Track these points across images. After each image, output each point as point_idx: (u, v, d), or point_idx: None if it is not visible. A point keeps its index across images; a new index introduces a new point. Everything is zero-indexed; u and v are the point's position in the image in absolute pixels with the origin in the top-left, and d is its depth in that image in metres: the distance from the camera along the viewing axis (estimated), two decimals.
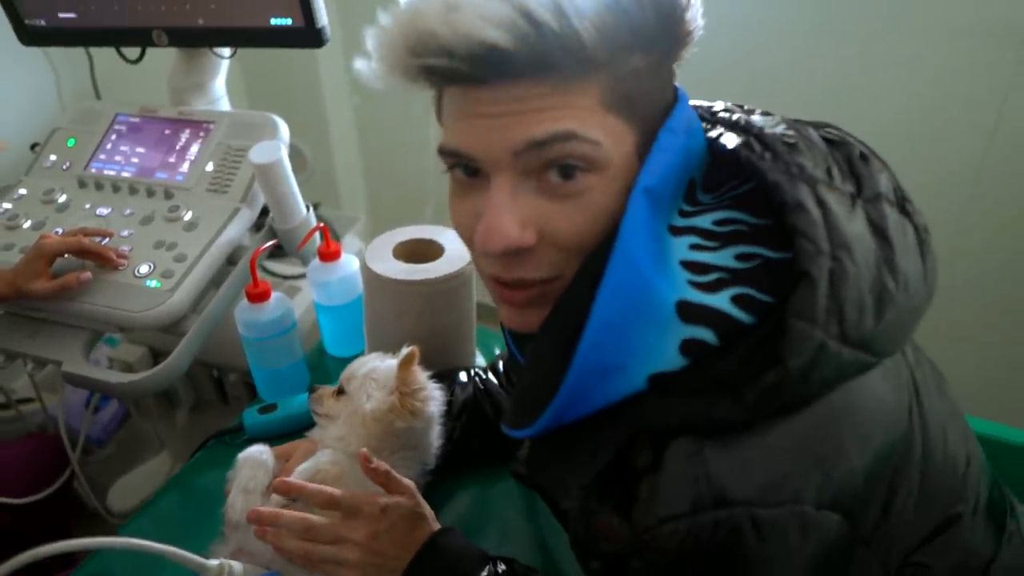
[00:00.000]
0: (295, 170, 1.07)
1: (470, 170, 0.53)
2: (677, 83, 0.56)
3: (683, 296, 0.49)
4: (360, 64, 0.53)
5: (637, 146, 0.52)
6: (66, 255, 1.00)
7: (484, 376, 0.95)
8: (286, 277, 1.40)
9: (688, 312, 0.49)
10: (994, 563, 0.61)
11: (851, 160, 0.53)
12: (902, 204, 0.54)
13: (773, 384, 0.46)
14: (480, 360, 1.07)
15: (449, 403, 0.87)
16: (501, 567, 0.68)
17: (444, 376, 0.89)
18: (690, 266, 0.50)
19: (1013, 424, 0.90)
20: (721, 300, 0.49)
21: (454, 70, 0.48)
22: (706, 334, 0.48)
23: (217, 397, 1.42)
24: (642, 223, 0.50)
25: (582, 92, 0.49)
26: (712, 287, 0.49)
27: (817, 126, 0.56)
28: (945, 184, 1.57)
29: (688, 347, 0.49)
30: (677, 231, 0.52)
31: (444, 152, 0.54)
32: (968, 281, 1.64)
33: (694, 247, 0.51)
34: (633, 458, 0.50)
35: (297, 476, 0.75)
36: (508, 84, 0.48)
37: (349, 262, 1.07)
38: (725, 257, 0.50)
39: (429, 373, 0.83)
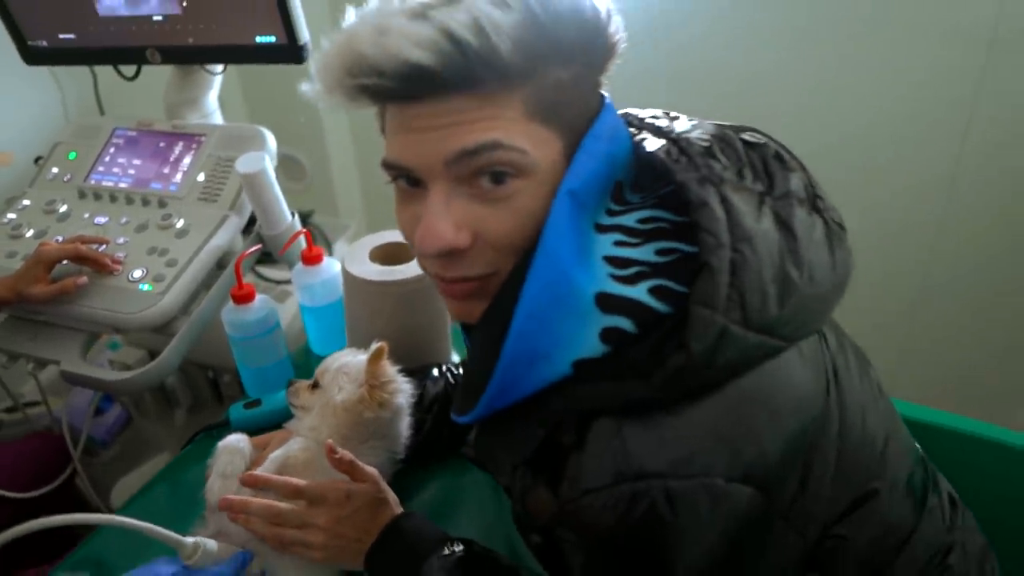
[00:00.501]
0: (293, 179, 1.13)
1: (411, 180, 0.58)
2: (606, 94, 0.61)
3: (603, 288, 0.54)
4: (305, 87, 0.58)
5: (563, 152, 0.56)
6: (64, 261, 1.07)
7: (456, 371, 1.00)
8: (278, 282, 1.46)
9: (607, 303, 0.53)
10: (914, 535, 0.65)
11: (766, 161, 0.58)
12: (813, 201, 0.58)
13: (680, 367, 0.50)
14: (455, 357, 1.12)
15: (420, 396, 0.93)
16: (459, 547, 0.73)
17: (417, 371, 0.95)
18: (612, 261, 0.55)
19: (993, 420, 0.92)
20: (639, 292, 0.53)
21: (386, 88, 0.53)
22: (624, 323, 0.53)
23: (213, 397, 1.48)
24: (565, 222, 0.54)
25: (506, 104, 0.53)
26: (631, 280, 0.54)
27: (740, 129, 0.61)
28: (924, 184, 1.61)
29: (608, 335, 0.53)
30: (603, 228, 0.57)
31: (386, 165, 0.59)
32: (946, 280, 1.68)
33: (618, 243, 0.56)
34: (559, 438, 0.55)
35: (269, 463, 0.80)
36: (438, 100, 0.53)
37: (331, 265, 1.12)
38: (646, 252, 0.55)
39: (399, 368, 0.88)
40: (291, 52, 1.12)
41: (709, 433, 0.52)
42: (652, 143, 0.60)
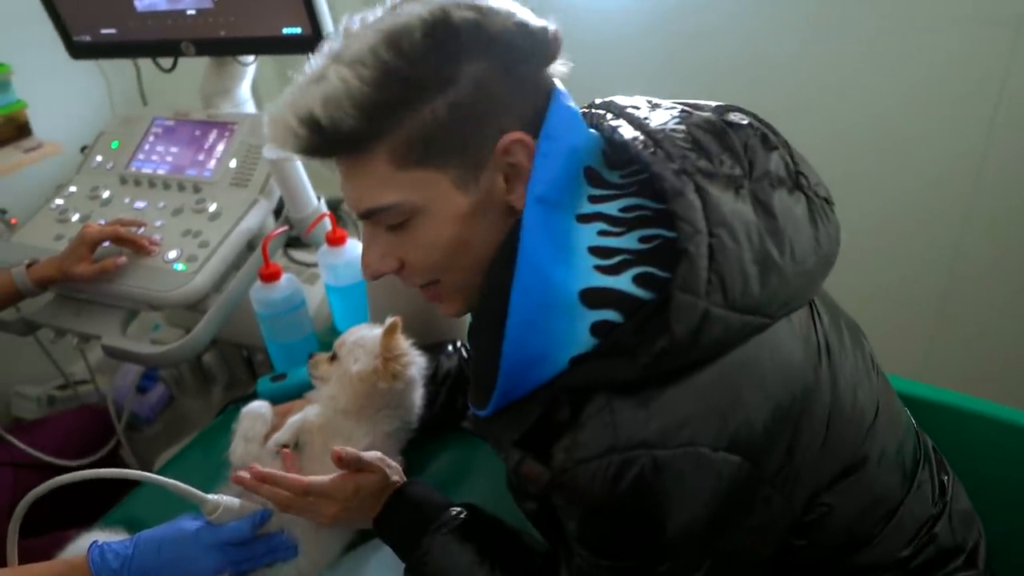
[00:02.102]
0: (326, 166, 1.18)
1: None
2: (559, 84, 0.61)
3: (586, 284, 0.56)
4: (277, 152, 0.67)
5: (456, 180, 0.59)
6: (106, 243, 1.13)
7: (469, 347, 1.04)
8: (308, 265, 1.51)
9: (592, 298, 0.55)
10: (901, 507, 0.67)
11: (747, 143, 0.60)
12: (796, 178, 0.60)
13: (664, 349, 0.53)
14: None
15: (435, 370, 0.97)
16: (462, 511, 0.76)
17: (433, 347, 0.99)
18: (597, 251, 0.57)
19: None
20: (624, 281, 0.55)
21: (301, 153, 0.59)
22: (612, 315, 0.55)
23: (247, 375, 1.55)
24: (539, 227, 0.56)
25: (374, 162, 0.58)
26: (616, 269, 0.56)
27: (724, 111, 0.63)
28: (948, 173, 1.59)
29: (597, 328, 0.55)
30: (586, 218, 0.59)
31: None
32: (976, 266, 1.66)
33: (602, 233, 0.58)
34: (554, 415, 0.58)
35: (288, 426, 0.86)
36: (335, 160, 0.60)
37: (354, 246, 1.17)
38: (630, 240, 0.57)
39: (413, 342, 0.92)
40: (316, 42, 1.16)
41: (696, 404, 0.54)
42: (627, 131, 0.61)
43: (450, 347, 1.03)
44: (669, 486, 0.54)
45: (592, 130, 0.64)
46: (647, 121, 0.61)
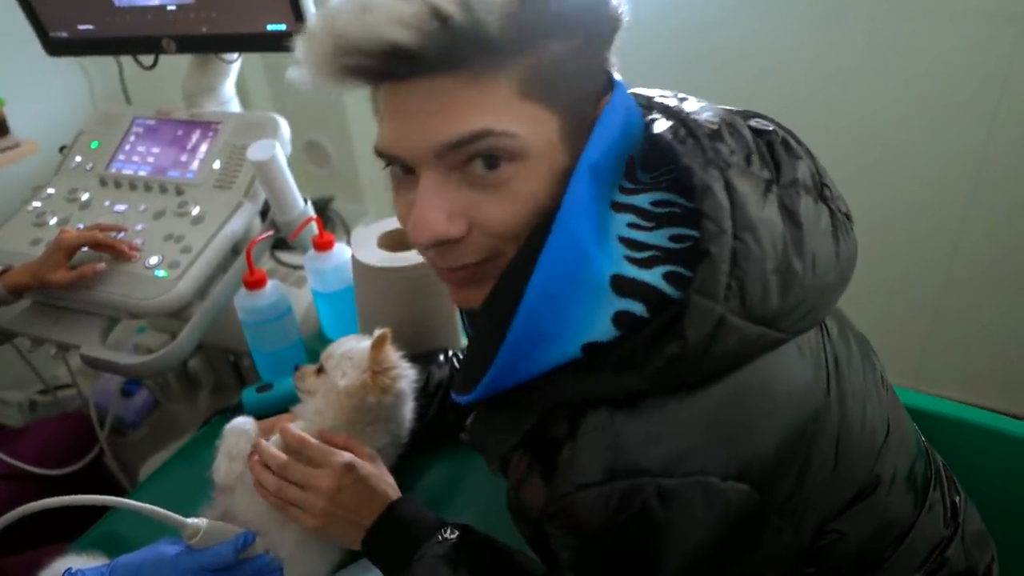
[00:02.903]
0: (317, 164, 1.14)
1: (404, 167, 0.56)
2: (616, 74, 0.58)
3: (619, 270, 0.52)
4: (291, 72, 0.56)
5: (562, 131, 0.53)
6: (84, 248, 1.09)
7: (461, 357, 1.01)
8: (296, 267, 1.47)
9: (622, 285, 0.52)
10: (913, 530, 0.64)
11: (773, 148, 0.57)
12: (820, 190, 0.57)
13: (675, 355, 0.49)
14: (464, 342, 1.13)
15: (425, 381, 0.94)
16: (454, 533, 0.73)
17: (423, 357, 0.95)
18: (627, 243, 0.53)
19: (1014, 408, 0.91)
20: (654, 276, 0.52)
21: (369, 68, 0.51)
22: (637, 307, 0.52)
23: (235, 380, 1.51)
24: (585, 197, 0.52)
25: (497, 83, 0.50)
26: (647, 263, 0.52)
27: (747, 115, 0.60)
28: (948, 170, 1.56)
29: (620, 318, 0.52)
30: (618, 207, 0.55)
31: (378, 152, 0.57)
32: (974, 267, 1.64)
33: (631, 225, 0.54)
34: (550, 429, 0.54)
35: (270, 444, 0.82)
36: (424, 80, 0.51)
37: (342, 251, 1.13)
38: (660, 237, 0.53)
39: (403, 353, 0.89)
40: None
41: (704, 428, 0.51)
42: (661, 124, 0.58)
43: (441, 357, 1.00)
44: (674, 518, 0.50)
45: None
46: (679, 109, 0.58)
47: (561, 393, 0.53)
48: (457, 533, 0.74)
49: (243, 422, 0.86)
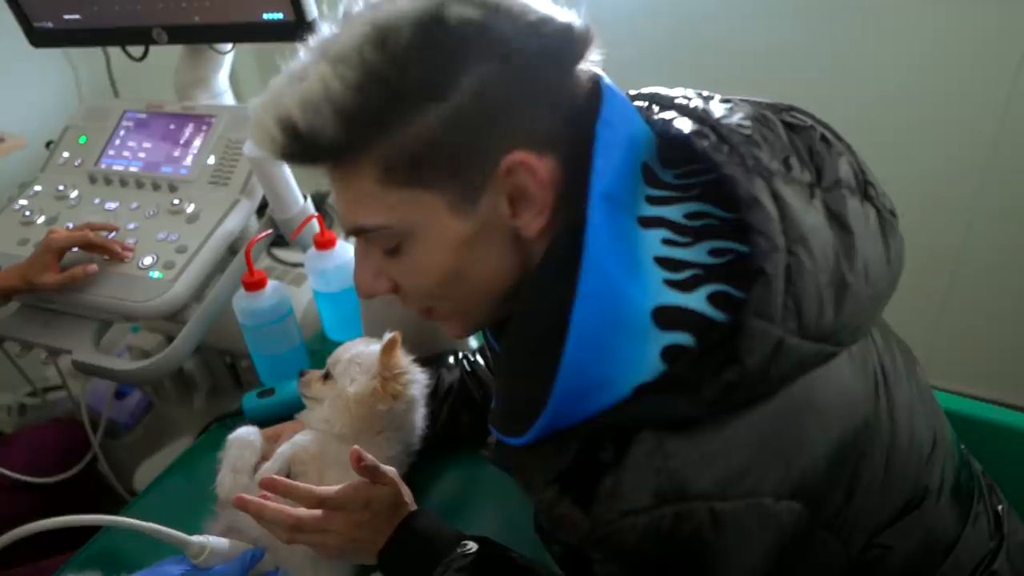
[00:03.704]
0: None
1: None
2: (600, 73, 0.55)
3: (659, 302, 0.48)
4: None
5: (450, 205, 0.51)
6: (74, 248, 1.05)
7: (472, 358, 0.97)
8: (294, 265, 1.43)
9: (665, 318, 0.48)
10: (958, 544, 0.61)
11: (812, 147, 0.53)
12: (864, 189, 0.53)
13: (732, 382, 0.46)
14: (472, 343, 1.09)
15: (436, 385, 0.90)
16: (473, 546, 0.70)
17: (432, 360, 0.92)
18: (665, 263, 0.49)
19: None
20: (698, 300, 0.48)
21: (285, 159, 0.53)
22: (685, 338, 0.48)
23: (232, 382, 1.47)
24: (605, 229, 0.49)
25: (360, 176, 0.51)
26: (688, 285, 0.48)
27: (779, 109, 0.56)
28: (958, 161, 1.54)
29: (668, 352, 0.48)
30: (647, 222, 0.51)
31: None
32: (978, 262, 1.61)
33: (667, 242, 0.50)
34: (596, 453, 0.50)
35: (277, 457, 0.78)
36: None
37: (345, 249, 1.09)
38: (699, 253, 0.50)
39: (413, 357, 0.85)
40: (299, 28, 1.08)
41: (756, 447, 0.48)
42: (683, 123, 0.54)
43: (451, 359, 0.96)
44: (727, 542, 0.47)
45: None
46: (708, 113, 0.54)
47: (607, 421, 0.50)
48: (476, 547, 0.70)
49: (247, 432, 0.82)
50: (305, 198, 1.13)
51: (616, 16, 1.61)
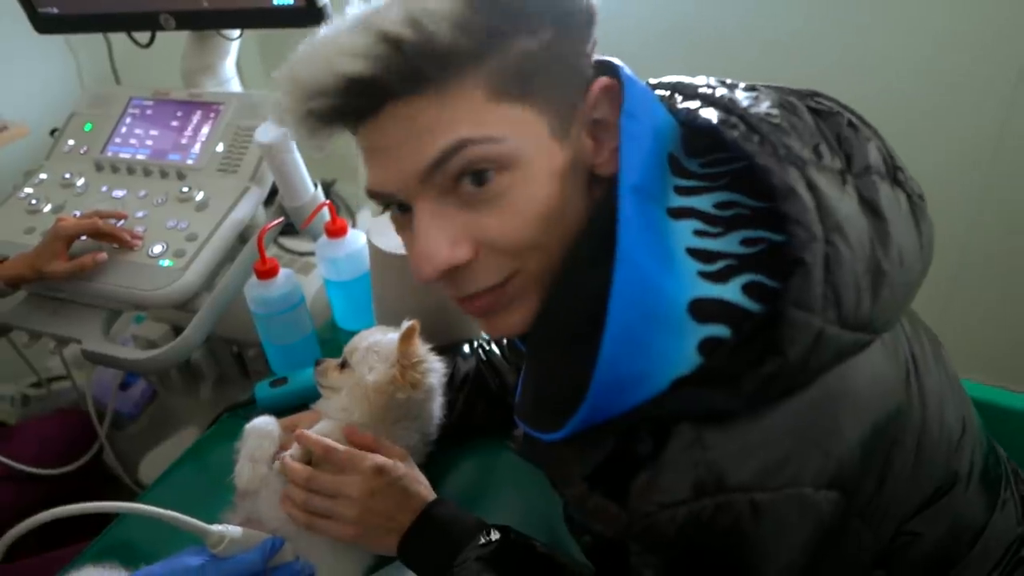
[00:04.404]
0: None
1: (400, 206, 0.54)
2: (618, 61, 0.55)
3: (695, 294, 0.48)
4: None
5: (551, 129, 0.51)
6: (83, 237, 1.03)
7: (487, 348, 0.96)
8: (301, 254, 1.42)
9: (701, 311, 0.47)
10: (987, 529, 0.61)
11: (839, 133, 0.52)
12: (894, 174, 0.53)
13: (772, 374, 0.46)
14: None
15: (451, 374, 0.89)
16: (495, 534, 0.70)
17: (447, 348, 0.91)
18: (697, 254, 0.49)
19: None
20: (732, 291, 0.48)
21: (335, 108, 0.49)
22: (721, 330, 0.47)
23: (239, 372, 1.46)
24: (636, 221, 0.48)
25: (464, 92, 0.49)
26: (722, 276, 0.48)
27: (804, 95, 0.55)
28: (963, 149, 1.53)
29: (705, 346, 0.47)
30: (677, 213, 0.51)
31: (370, 195, 0.55)
32: (983, 252, 1.61)
33: (698, 233, 0.50)
34: (633, 446, 0.50)
35: (297, 446, 0.77)
36: (392, 108, 0.49)
37: (356, 238, 1.09)
38: (731, 243, 0.49)
39: (430, 346, 0.84)
40: (310, 14, 1.07)
41: (795, 437, 0.47)
42: (709, 112, 0.54)
43: (466, 348, 0.96)
44: (767, 533, 0.47)
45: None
46: (735, 102, 0.53)
47: (644, 414, 0.49)
48: (497, 535, 0.70)
49: (265, 422, 0.81)
50: (316, 185, 1.12)
51: (614, 12, 1.60)
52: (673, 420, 0.48)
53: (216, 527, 0.69)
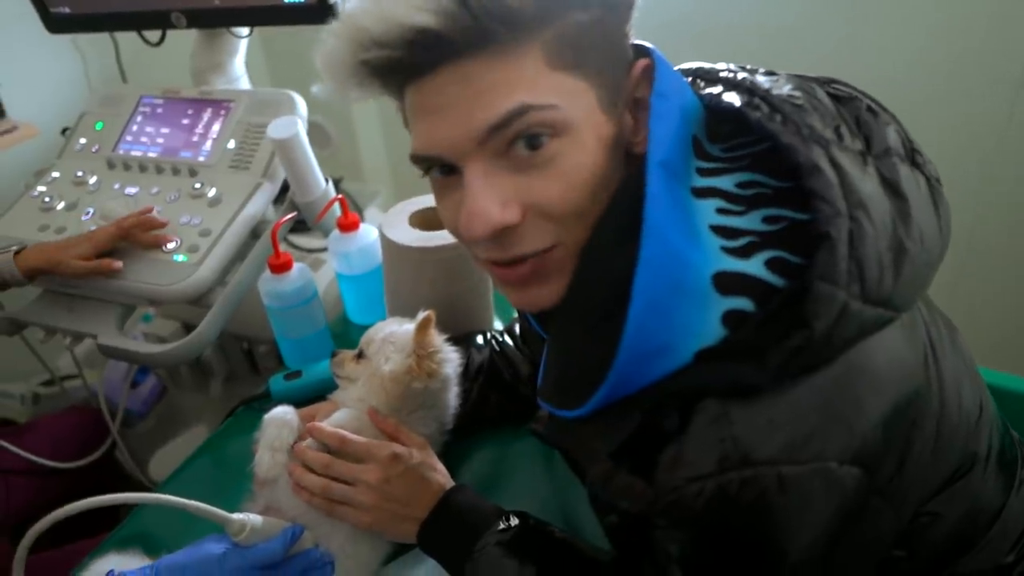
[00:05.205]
0: (318, 146, 1.10)
1: (444, 168, 0.55)
2: (651, 45, 0.57)
3: (719, 267, 0.49)
4: (315, 89, 0.55)
5: (600, 100, 0.53)
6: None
7: (501, 338, 0.97)
8: (310, 250, 1.43)
9: (725, 283, 0.49)
10: (1004, 510, 0.63)
11: (859, 117, 0.53)
12: (912, 156, 0.54)
13: (798, 347, 0.46)
14: (498, 324, 1.09)
15: (466, 365, 0.90)
16: (514, 520, 0.71)
17: (461, 339, 0.92)
18: (720, 231, 0.50)
19: None
20: (755, 265, 0.49)
21: (393, 61, 0.50)
22: (745, 303, 0.48)
23: (248, 368, 1.47)
24: (664, 196, 0.49)
25: (525, 57, 0.50)
26: (745, 252, 0.49)
27: (823, 82, 0.56)
28: (969, 139, 1.54)
29: (729, 317, 0.48)
30: (700, 192, 0.52)
31: (415, 159, 0.56)
32: (994, 239, 1.62)
33: (721, 211, 0.51)
34: (659, 422, 0.51)
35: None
36: (451, 67, 0.50)
37: (368, 232, 1.10)
38: (753, 220, 0.50)
39: (446, 336, 0.85)
40: (321, 12, 1.07)
41: (820, 412, 0.48)
42: (732, 96, 0.55)
43: (479, 338, 0.97)
44: (792, 506, 0.47)
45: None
46: (756, 85, 0.54)
47: (669, 388, 0.50)
48: (516, 521, 0.71)
49: (284, 412, 0.82)
50: (327, 181, 1.13)
51: None
52: (698, 396, 0.49)
53: (237, 515, 0.70)
